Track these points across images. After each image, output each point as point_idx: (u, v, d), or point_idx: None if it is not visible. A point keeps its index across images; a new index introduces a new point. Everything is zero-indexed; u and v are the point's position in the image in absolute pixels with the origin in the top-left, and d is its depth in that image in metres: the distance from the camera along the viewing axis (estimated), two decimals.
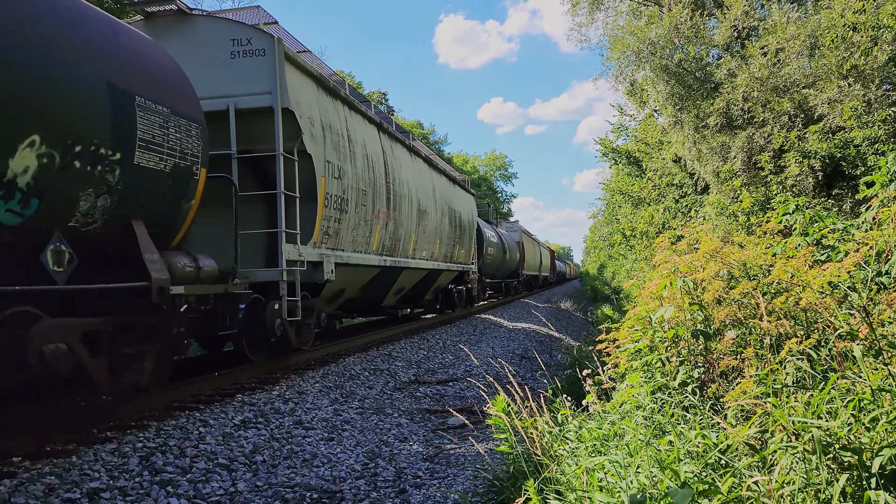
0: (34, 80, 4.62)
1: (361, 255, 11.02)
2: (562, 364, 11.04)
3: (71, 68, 4.96)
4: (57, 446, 5.10)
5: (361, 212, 10.85)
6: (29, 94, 4.57)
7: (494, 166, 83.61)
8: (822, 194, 10.99)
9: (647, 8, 15.45)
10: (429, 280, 16.06)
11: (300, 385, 8.05)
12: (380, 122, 12.52)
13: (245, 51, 8.66)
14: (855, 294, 3.38)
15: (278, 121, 8.44)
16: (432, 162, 16.60)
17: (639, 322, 4.38)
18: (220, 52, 8.62)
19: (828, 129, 10.81)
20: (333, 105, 10.27)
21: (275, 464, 5.29)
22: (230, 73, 8.56)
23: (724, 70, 12.66)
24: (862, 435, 2.51)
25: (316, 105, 9.50)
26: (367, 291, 12.51)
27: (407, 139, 14.71)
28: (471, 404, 7.79)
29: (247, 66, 8.60)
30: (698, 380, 3.78)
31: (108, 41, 5.63)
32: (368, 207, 11.17)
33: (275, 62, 8.52)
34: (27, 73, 4.57)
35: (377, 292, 13.09)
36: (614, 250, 31.65)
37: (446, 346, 13.08)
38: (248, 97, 8.53)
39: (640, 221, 19.32)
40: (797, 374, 3.20)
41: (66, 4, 5.31)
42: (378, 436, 6.50)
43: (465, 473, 5.32)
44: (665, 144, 16.88)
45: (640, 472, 2.95)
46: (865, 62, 10.18)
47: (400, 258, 13.08)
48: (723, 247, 4.25)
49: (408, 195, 13.51)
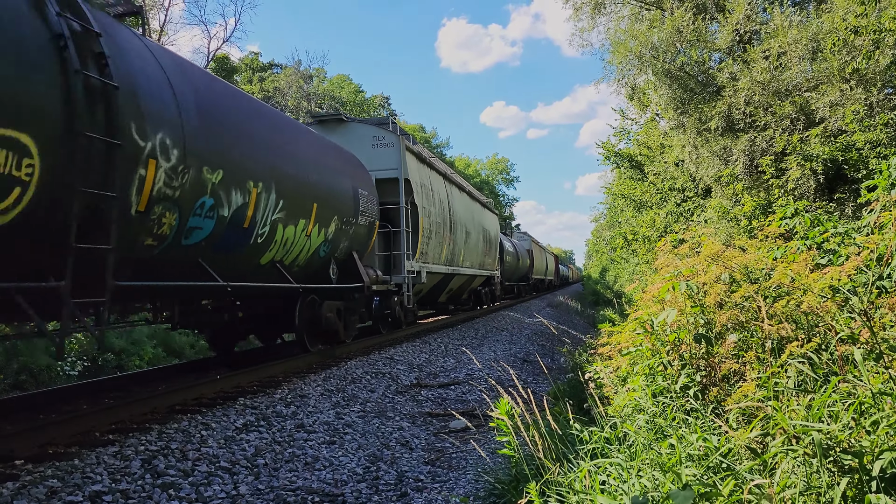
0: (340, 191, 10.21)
1: (437, 266, 16.18)
2: (564, 367, 11.04)
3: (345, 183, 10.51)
4: (59, 449, 5.12)
5: (437, 237, 16.10)
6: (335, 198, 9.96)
7: (496, 170, 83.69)
8: (823, 198, 10.98)
9: (648, 12, 15.47)
10: (468, 283, 21.21)
11: (302, 388, 8.06)
12: (444, 172, 18.32)
13: (381, 143, 14.05)
14: (856, 298, 3.39)
15: (401, 186, 13.85)
16: (472, 194, 22.50)
17: (641, 325, 4.39)
18: (366, 143, 13.92)
19: (829, 133, 10.81)
20: (425, 170, 15.81)
21: (276, 467, 5.30)
22: (372, 157, 13.56)
23: (726, 74, 12.67)
24: (863, 438, 2.51)
25: (418, 173, 14.92)
26: (433, 291, 17.67)
27: (456, 178, 20.36)
28: (472, 408, 7.79)
29: (382, 153, 13.95)
30: (700, 383, 3.79)
31: (349, 162, 11.23)
32: (441, 233, 16.49)
33: (399, 151, 13.97)
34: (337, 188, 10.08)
35: (438, 292, 18.30)
36: (616, 254, 31.63)
37: (448, 350, 13.08)
38: (383, 171, 13.66)
39: (642, 225, 19.31)
40: (798, 378, 3.20)
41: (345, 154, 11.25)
42: (380, 439, 6.51)
43: (467, 477, 5.32)
44: (667, 148, 16.88)
45: (641, 474, 2.96)
46: (867, 66, 10.18)
47: (455, 267, 18.21)
48: (724, 250, 4.26)
49: (459, 222, 18.69)
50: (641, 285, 6.67)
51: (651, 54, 13.58)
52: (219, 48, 34.04)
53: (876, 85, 10.36)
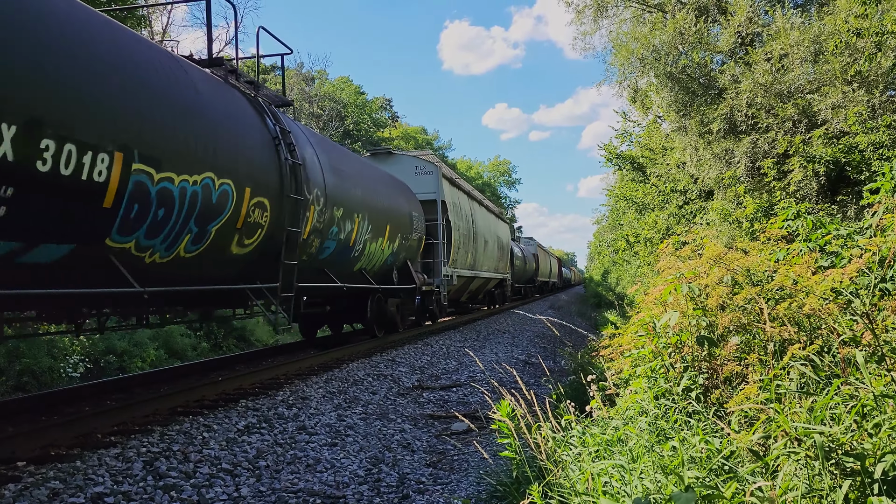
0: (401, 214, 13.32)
1: (464, 270, 19.54)
2: (566, 370, 11.02)
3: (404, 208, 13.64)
4: (61, 451, 5.12)
5: (464, 246, 19.33)
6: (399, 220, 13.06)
7: (498, 172, 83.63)
8: (825, 200, 10.96)
9: (650, 14, 15.48)
10: (484, 285, 24.47)
11: (304, 390, 8.06)
12: (468, 190, 21.98)
13: (422, 171, 17.45)
14: (858, 300, 3.38)
15: (439, 207, 17.13)
16: (489, 207, 26.05)
17: (643, 328, 4.38)
18: (410, 171, 17.20)
19: (832, 134, 10.79)
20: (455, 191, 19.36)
21: (278, 469, 5.30)
22: (415, 183, 16.58)
23: (728, 76, 12.66)
24: (865, 441, 2.51)
25: (450, 194, 18.31)
26: (457, 292, 20.55)
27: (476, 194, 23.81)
28: (474, 410, 7.78)
29: (423, 179, 17.28)
30: (702, 385, 3.78)
31: (405, 191, 14.39)
32: (466, 243, 19.68)
33: (437, 178, 17.42)
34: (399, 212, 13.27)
35: (461, 292, 21.48)
36: (618, 256, 31.61)
37: (450, 352, 13.07)
38: (424, 194, 16.61)
39: (644, 227, 19.30)
40: (800, 380, 3.20)
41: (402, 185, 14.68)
42: (381, 441, 6.50)
43: (469, 479, 5.31)
44: (669, 150, 16.87)
45: (643, 476, 2.95)
46: (869, 68, 10.16)
47: (476, 271, 21.32)
48: (726, 253, 4.26)
49: (480, 232, 21.74)
50: (643, 287, 6.66)
51: (653, 56, 13.57)
52: (221, 50, 34.11)
53: (878, 87, 10.34)
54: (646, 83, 16.07)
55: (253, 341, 16.39)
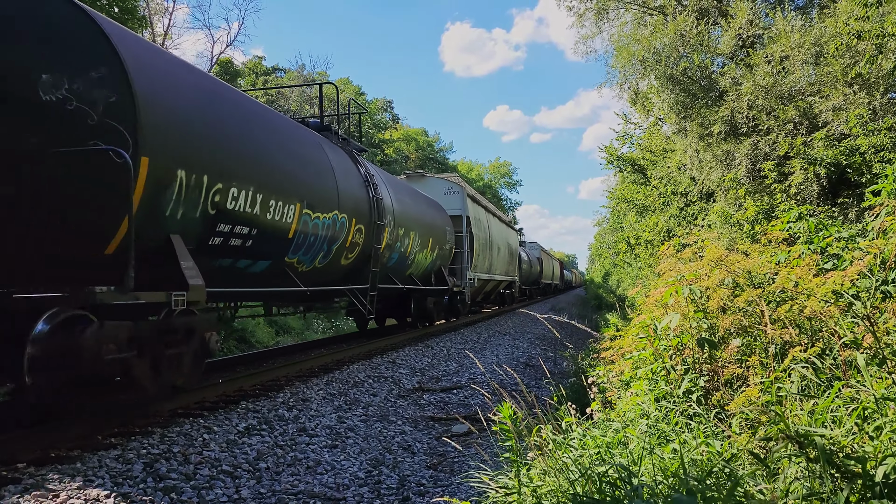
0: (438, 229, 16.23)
1: (482, 274, 22.14)
2: (566, 372, 11.02)
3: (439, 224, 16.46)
4: (62, 452, 5.12)
5: (482, 253, 22.07)
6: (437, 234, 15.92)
7: (499, 174, 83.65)
8: (826, 202, 10.96)
9: (651, 17, 15.49)
10: (497, 286, 27.00)
11: (304, 392, 8.06)
12: (486, 205, 25.14)
13: (450, 191, 20.39)
14: (859, 302, 3.38)
15: (464, 221, 20.05)
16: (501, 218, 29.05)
17: (643, 330, 4.38)
18: (440, 191, 20.11)
19: (833, 137, 10.79)
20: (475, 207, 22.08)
21: (278, 471, 5.30)
22: (444, 201, 19.17)
23: (729, 78, 12.66)
24: (866, 444, 2.50)
25: (472, 209, 21.21)
26: (475, 292, 22.71)
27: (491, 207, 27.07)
28: (475, 412, 7.78)
29: (451, 198, 20.08)
30: (703, 388, 3.78)
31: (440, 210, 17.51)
32: (484, 250, 22.37)
33: (463, 197, 20.42)
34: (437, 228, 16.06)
35: (478, 293, 23.62)
36: (619, 258, 31.60)
37: (450, 354, 13.07)
38: (452, 210, 19.19)
39: (645, 229, 19.31)
40: (801, 383, 3.19)
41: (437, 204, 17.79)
42: (382, 443, 6.50)
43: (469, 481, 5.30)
44: (670, 152, 16.87)
45: (644, 479, 2.95)
46: (870, 70, 10.16)
47: (491, 274, 24.00)
48: (727, 255, 4.26)
49: (494, 241, 24.48)
50: (644, 289, 6.66)
51: (654, 59, 13.58)
52: (222, 52, 34.18)
53: (879, 89, 10.35)
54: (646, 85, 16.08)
55: (254, 342, 16.44)
